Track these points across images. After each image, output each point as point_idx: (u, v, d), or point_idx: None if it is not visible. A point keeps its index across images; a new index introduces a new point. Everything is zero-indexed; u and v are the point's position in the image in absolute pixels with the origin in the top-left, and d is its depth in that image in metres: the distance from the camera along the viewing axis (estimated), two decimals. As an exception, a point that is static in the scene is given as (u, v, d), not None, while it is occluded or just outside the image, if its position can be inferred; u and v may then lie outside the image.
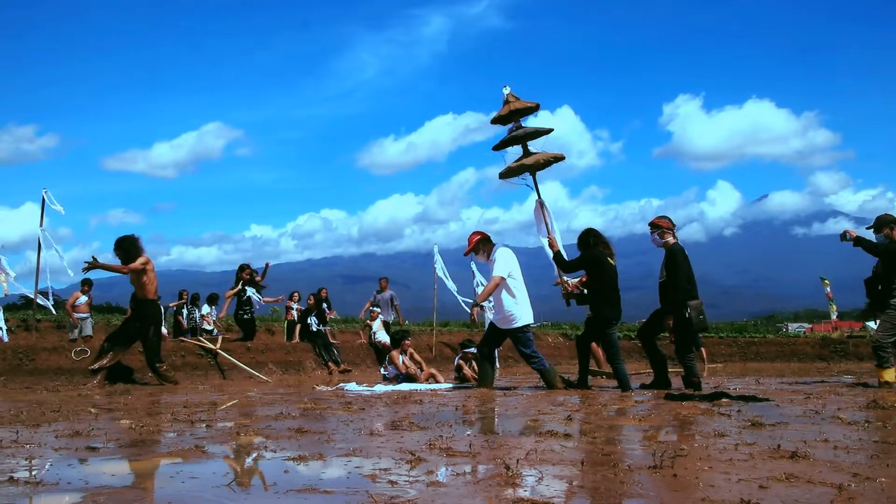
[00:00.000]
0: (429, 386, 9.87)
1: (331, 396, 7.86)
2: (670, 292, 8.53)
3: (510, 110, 9.64)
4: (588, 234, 9.09)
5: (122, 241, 10.13)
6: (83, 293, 15.34)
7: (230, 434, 4.51)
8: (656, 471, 3.11)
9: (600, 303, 8.85)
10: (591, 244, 8.95)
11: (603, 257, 8.85)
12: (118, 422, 5.22)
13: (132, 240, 10.19)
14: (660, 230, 8.76)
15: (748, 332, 26.16)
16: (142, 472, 3.25)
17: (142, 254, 10.08)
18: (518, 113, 9.67)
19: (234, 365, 11.96)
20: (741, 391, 7.54)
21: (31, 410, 6.15)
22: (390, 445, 3.96)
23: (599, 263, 8.83)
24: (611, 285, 8.92)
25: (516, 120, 9.74)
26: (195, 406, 6.54)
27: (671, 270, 8.51)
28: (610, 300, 8.88)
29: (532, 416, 5.68)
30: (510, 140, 9.70)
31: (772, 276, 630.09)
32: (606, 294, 8.87)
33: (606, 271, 8.86)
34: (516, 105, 9.64)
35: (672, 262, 8.50)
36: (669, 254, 8.61)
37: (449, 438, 4.22)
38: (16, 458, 3.59)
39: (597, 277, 8.86)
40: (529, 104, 9.69)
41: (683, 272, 8.46)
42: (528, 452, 3.60)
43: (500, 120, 9.80)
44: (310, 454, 3.65)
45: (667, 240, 8.69)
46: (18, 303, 21.45)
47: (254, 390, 9.31)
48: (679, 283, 8.42)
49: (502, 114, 9.71)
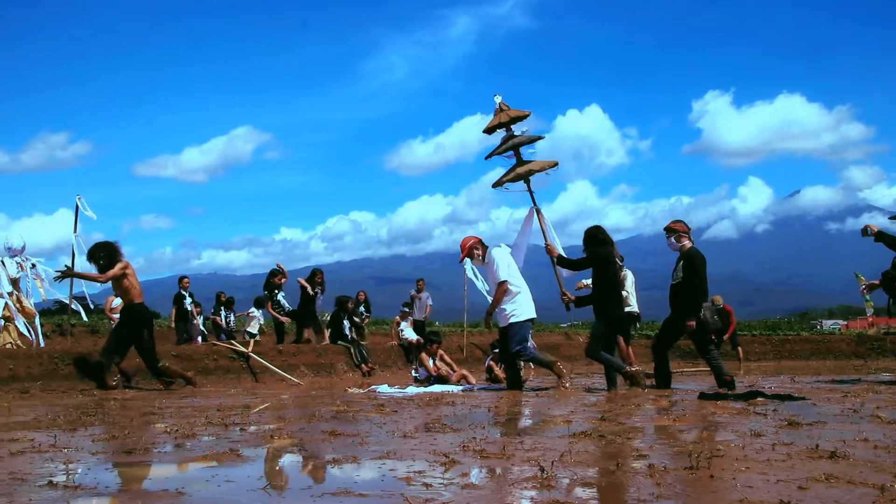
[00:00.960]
0: (460, 387, 9.87)
1: (363, 399, 7.87)
2: (689, 295, 8.52)
3: (501, 120, 9.66)
4: (597, 231, 9.05)
5: (100, 249, 9.85)
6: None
7: (264, 437, 4.53)
8: (692, 472, 3.08)
9: (609, 301, 8.77)
10: (599, 242, 8.90)
11: (611, 255, 8.85)
12: (153, 425, 5.26)
13: (112, 246, 9.89)
14: (676, 234, 8.81)
15: (782, 329, 25.92)
16: (178, 475, 3.27)
17: (121, 259, 9.79)
18: (510, 122, 9.68)
19: (266, 368, 12.02)
20: (776, 390, 7.46)
21: (67, 415, 6.21)
22: (424, 447, 3.95)
23: (609, 262, 8.84)
24: (617, 284, 8.97)
25: (508, 129, 9.74)
26: (228, 409, 6.58)
27: (689, 273, 8.53)
28: (618, 299, 8.93)
29: (564, 416, 5.65)
30: (503, 149, 9.71)
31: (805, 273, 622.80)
32: (614, 293, 8.87)
33: (614, 270, 8.90)
34: (508, 114, 9.65)
35: (691, 266, 8.53)
36: (687, 257, 8.64)
37: (482, 440, 4.21)
38: (54, 462, 3.64)
39: (605, 276, 8.81)
40: (521, 112, 9.70)
41: (701, 276, 8.53)
42: (563, 454, 3.58)
43: (491, 129, 9.82)
44: (344, 457, 3.66)
45: (683, 243, 8.76)
46: (53, 308, 21.70)
47: (285, 393, 9.35)
48: (699, 286, 8.48)
49: (493, 123, 9.73)
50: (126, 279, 9.76)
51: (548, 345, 17.54)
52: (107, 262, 9.70)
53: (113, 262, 9.69)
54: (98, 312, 18.24)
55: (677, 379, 10.87)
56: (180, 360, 11.52)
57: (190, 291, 17.33)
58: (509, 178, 9.60)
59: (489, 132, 9.92)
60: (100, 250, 9.78)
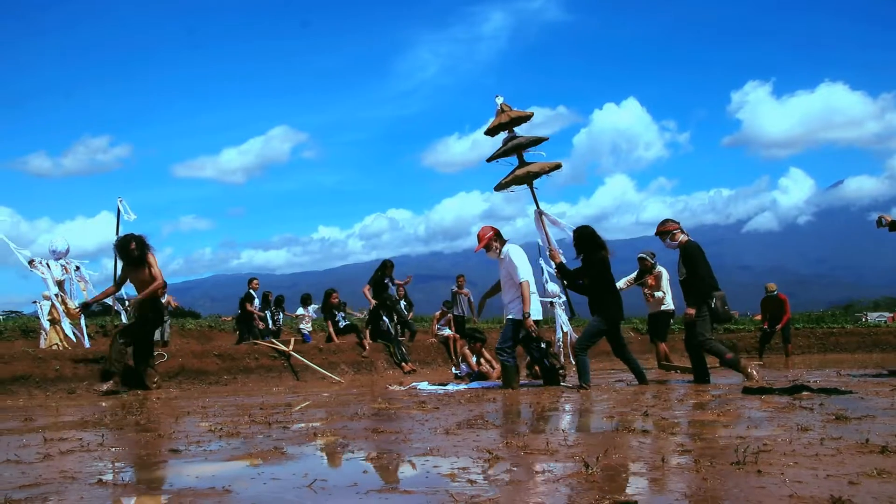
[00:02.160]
0: (500, 384, 9.84)
1: (404, 396, 7.90)
2: (696, 286, 8.50)
3: (502, 121, 9.58)
4: (593, 235, 8.90)
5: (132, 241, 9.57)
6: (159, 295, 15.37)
7: (307, 435, 4.56)
8: (740, 467, 3.04)
9: (607, 306, 8.67)
10: (596, 246, 8.79)
11: (607, 260, 8.78)
12: (198, 424, 5.32)
13: (143, 239, 9.64)
14: (670, 234, 8.81)
15: (826, 322, 25.50)
16: (224, 473, 3.30)
17: (152, 252, 9.61)
18: (512, 123, 9.60)
19: (306, 366, 12.09)
20: (822, 384, 7.35)
21: (113, 414, 6.31)
22: (467, 444, 3.95)
23: (606, 266, 8.76)
24: (613, 287, 8.91)
25: (510, 130, 9.66)
26: (271, 408, 6.63)
27: (690, 266, 8.53)
28: (617, 301, 8.83)
29: (607, 412, 5.62)
30: (505, 151, 9.63)
31: (849, 265, 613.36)
32: (613, 296, 8.79)
33: (610, 272, 8.83)
34: (509, 115, 9.57)
35: (689, 259, 8.54)
36: (684, 251, 8.64)
37: (525, 436, 4.20)
38: (102, 460, 3.69)
39: (603, 279, 8.72)
40: (523, 113, 9.62)
41: (703, 265, 8.54)
42: (607, 449, 3.55)
43: (493, 131, 9.75)
44: (387, 454, 3.67)
45: (680, 239, 8.76)
46: (96, 310, 22.01)
47: (326, 391, 9.40)
48: (702, 276, 8.48)
49: (494, 124, 9.66)
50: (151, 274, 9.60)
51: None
52: (139, 256, 9.52)
53: (144, 254, 9.54)
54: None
55: (719, 373, 10.76)
56: (222, 360, 11.64)
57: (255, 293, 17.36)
58: (510, 180, 9.54)
59: (491, 134, 9.86)
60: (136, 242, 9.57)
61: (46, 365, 9.84)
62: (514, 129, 9.70)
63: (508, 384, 8.55)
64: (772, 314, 16.59)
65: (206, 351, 12.04)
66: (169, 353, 11.43)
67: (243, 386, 10.88)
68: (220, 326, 17.52)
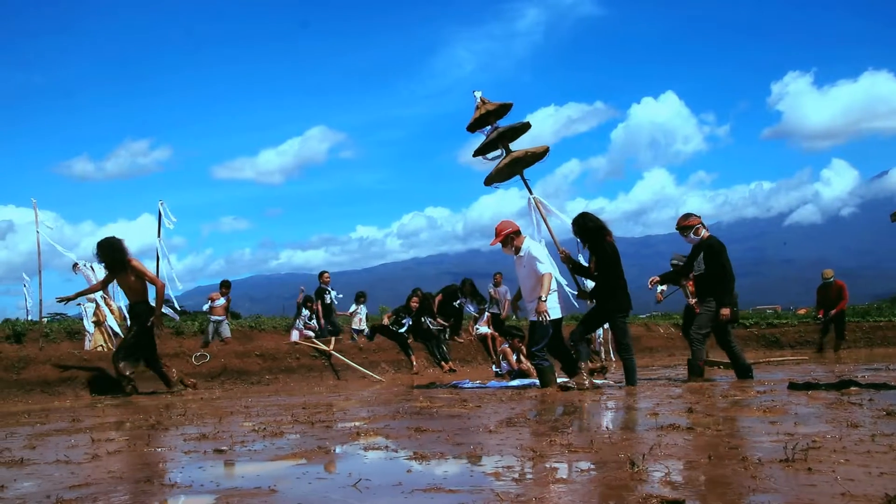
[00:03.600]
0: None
1: (446, 394, 7.90)
2: (718, 284, 8.36)
3: (482, 113, 9.45)
4: (599, 225, 8.68)
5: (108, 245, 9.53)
6: (221, 295, 15.18)
7: (350, 434, 4.57)
8: (789, 464, 2.99)
9: (613, 298, 8.50)
10: (604, 235, 8.61)
11: (616, 251, 8.61)
12: (241, 424, 5.36)
13: (120, 243, 9.59)
14: (692, 229, 8.65)
15: (872, 315, 25.00)
16: (269, 473, 3.32)
17: (129, 256, 9.52)
18: (492, 115, 9.47)
19: (347, 365, 12.15)
20: (870, 379, 7.21)
21: (158, 414, 6.39)
22: (510, 442, 3.94)
23: (617, 254, 8.60)
24: (622, 276, 8.68)
25: (492, 122, 9.53)
26: (313, 407, 6.66)
27: (712, 263, 8.39)
28: (625, 290, 8.66)
29: (650, 409, 5.56)
30: (490, 143, 9.50)
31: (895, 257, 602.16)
32: (622, 284, 8.63)
33: (619, 261, 8.62)
34: (488, 107, 9.44)
35: (716, 255, 8.39)
36: (707, 247, 8.48)
37: (569, 434, 4.17)
38: (150, 460, 3.73)
39: (613, 269, 8.54)
40: (502, 104, 9.49)
41: (727, 262, 8.41)
42: (652, 447, 3.52)
43: (475, 125, 9.62)
44: (431, 453, 3.66)
45: (702, 234, 8.62)
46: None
47: (367, 390, 9.44)
48: (728, 273, 8.37)
49: (475, 118, 9.53)
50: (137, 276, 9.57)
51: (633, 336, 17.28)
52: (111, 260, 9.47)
53: (117, 262, 9.44)
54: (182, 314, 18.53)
55: (763, 369, 10.62)
56: (264, 360, 11.74)
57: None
58: (496, 172, 9.40)
59: (472, 129, 9.72)
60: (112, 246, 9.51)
61: (92, 366, 10.00)
62: (498, 123, 9.57)
63: (547, 385, 8.44)
64: (827, 302, 16.15)
65: (247, 351, 12.16)
66: (211, 353, 11.56)
67: (285, 385, 10.97)
68: (260, 326, 17.57)
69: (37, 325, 15.27)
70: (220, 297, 15.08)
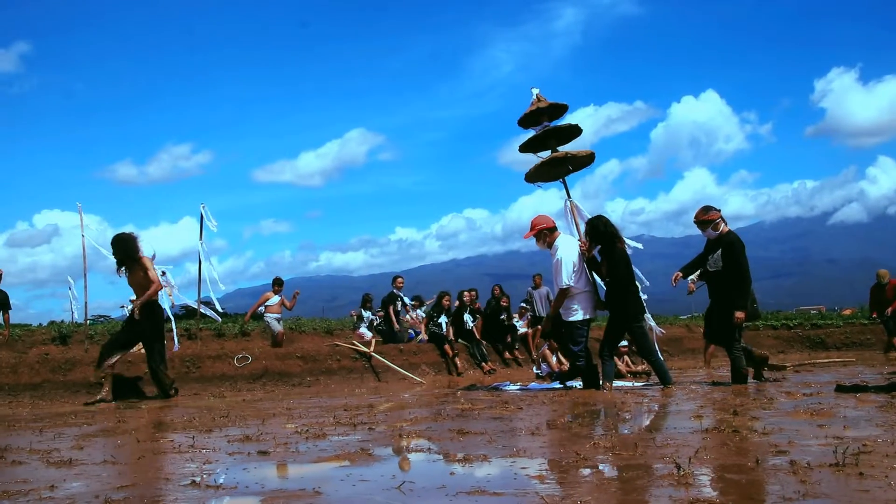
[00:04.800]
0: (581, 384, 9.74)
1: (487, 396, 7.87)
2: (735, 284, 8.17)
3: (533, 110, 9.36)
4: (612, 231, 8.56)
5: (122, 241, 9.36)
6: (275, 293, 15.14)
7: (393, 436, 4.57)
8: (839, 469, 2.93)
9: (627, 300, 8.41)
10: (614, 238, 8.50)
11: (626, 252, 8.54)
12: (284, 426, 5.39)
13: (132, 239, 9.39)
14: (712, 223, 8.38)
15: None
16: (313, 475, 3.33)
17: (141, 253, 9.33)
18: (544, 113, 9.37)
19: (388, 367, 12.18)
20: (921, 381, 7.05)
21: (201, 416, 6.44)
22: (553, 445, 3.92)
23: (628, 260, 8.52)
24: (634, 281, 8.57)
25: (543, 121, 9.43)
26: (355, 409, 6.68)
27: (734, 259, 8.17)
28: (636, 296, 8.57)
29: (694, 411, 5.50)
30: (537, 141, 9.42)
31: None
32: (633, 289, 8.53)
33: (630, 267, 8.53)
34: (541, 105, 9.34)
35: (734, 252, 8.18)
36: (727, 244, 8.25)
37: (612, 437, 4.13)
38: (194, 462, 3.76)
39: (624, 275, 8.42)
40: (556, 104, 9.39)
41: (745, 261, 8.21)
42: (697, 450, 3.47)
43: (525, 121, 9.53)
44: (474, 455, 3.65)
45: (721, 229, 8.37)
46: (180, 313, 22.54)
47: (408, 392, 9.45)
48: (745, 274, 8.18)
49: (527, 112, 9.43)
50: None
51: (669, 338, 17.10)
52: (123, 255, 9.30)
53: (128, 258, 9.27)
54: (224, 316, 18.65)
55: (809, 371, 10.46)
56: (304, 362, 11.81)
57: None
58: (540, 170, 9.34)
59: (522, 125, 9.65)
60: (124, 242, 9.35)
61: (136, 368, 10.13)
62: (548, 122, 9.50)
63: (588, 387, 8.38)
64: (882, 304, 15.81)
65: (288, 353, 12.25)
66: (252, 355, 11.65)
67: (326, 387, 11.02)
68: (300, 328, 17.66)
69: (82, 327, 15.52)
70: (273, 296, 15.09)
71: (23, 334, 17.50)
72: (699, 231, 8.56)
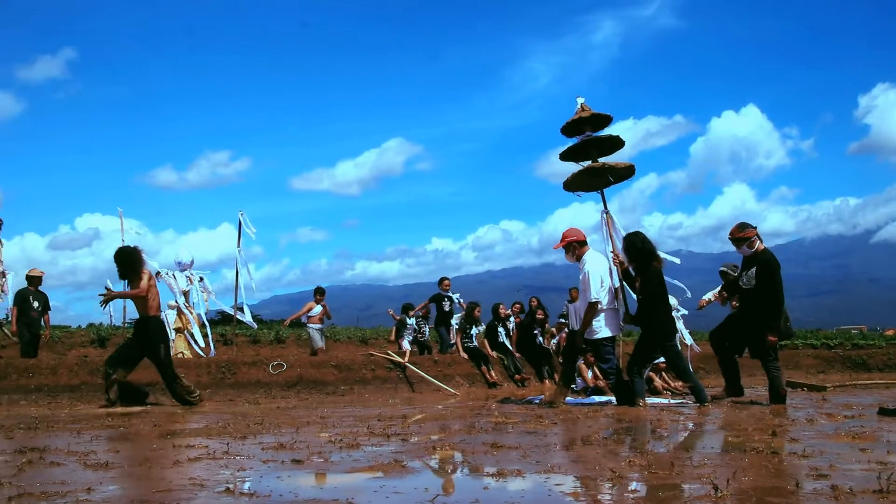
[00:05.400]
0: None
1: (521, 410, 7.83)
2: (773, 302, 8.10)
3: (576, 119, 9.30)
4: (650, 248, 8.48)
5: (125, 255, 9.16)
6: (316, 303, 15.07)
7: (426, 448, 4.55)
8: (883, 496, 2.86)
9: (661, 319, 8.32)
10: (652, 260, 8.41)
11: (661, 271, 8.46)
12: (318, 435, 5.39)
13: (136, 252, 9.21)
14: (748, 241, 8.31)
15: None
16: (346, 485, 3.32)
17: (143, 267, 9.17)
18: (587, 122, 9.31)
19: (422, 378, 12.16)
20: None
21: (236, 423, 6.47)
22: (587, 461, 3.87)
23: (662, 279, 8.45)
24: (667, 300, 8.55)
25: (585, 130, 9.37)
26: (389, 419, 6.67)
27: (768, 278, 8.11)
28: (669, 315, 8.52)
29: (732, 432, 5.42)
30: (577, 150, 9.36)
31: None
32: (666, 308, 8.49)
33: (664, 286, 8.48)
34: (584, 114, 9.28)
35: (769, 270, 8.12)
36: (762, 262, 8.19)
37: (647, 454, 4.08)
38: (229, 468, 3.77)
39: (657, 294, 8.36)
40: (599, 114, 9.33)
41: (779, 281, 8.15)
42: (735, 471, 3.41)
43: (568, 129, 9.48)
44: (508, 470, 3.62)
45: (757, 247, 8.30)
46: (216, 318, 22.76)
47: (441, 404, 9.42)
48: (779, 294, 8.12)
49: (570, 121, 9.38)
50: (148, 291, 9.07)
51: (705, 355, 16.89)
52: (127, 269, 9.11)
53: (135, 269, 9.08)
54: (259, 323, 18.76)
55: (850, 392, 10.27)
56: (339, 370, 11.83)
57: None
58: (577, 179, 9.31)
59: (567, 132, 9.60)
60: (127, 256, 9.16)
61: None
62: (590, 132, 9.46)
63: (623, 403, 8.30)
64: None
65: (323, 361, 12.28)
66: (287, 362, 11.70)
67: (360, 397, 11.03)
68: (335, 337, 17.73)
69: (119, 330, 15.71)
70: (316, 306, 15.08)
71: (62, 336, 17.80)
72: (734, 248, 8.51)
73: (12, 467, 3.77)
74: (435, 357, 13.66)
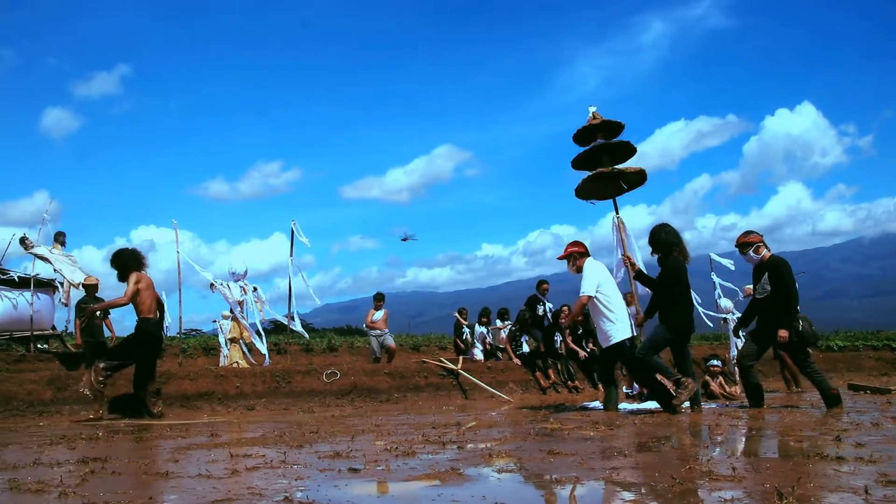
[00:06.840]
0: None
1: (576, 416, 7.77)
2: (788, 305, 7.98)
3: (586, 126, 9.29)
4: (671, 240, 8.32)
5: (118, 257, 9.07)
6: (377, 308, 15.14)
7: (482, 456, 4.52)
8: (957, 501, 2.77)
9: (677, 313, 8.14)
10: (672, 251, 8.25)
11: (683, 264, 8.29)
12: (373, 443, 5.40)
13: (130, 254, 9.09)
14: (753, 246, 8.28)
15: None
16: (404, 494, 3.31)
17: (137, 269, 8.96)
18: (598, 130, 9.27)
19: (475, 385, 12.14)
20: None
21: (292, 431, 6.52)
22: (647, 468, 3.81)
23: (683, 271, 8.27)
24: (686, 295, 8.30)
25: (597, 138, 9.35)
26: (443, 427, 6.66)
27: (781, 283, 8.01)
28: (687, 310, 8.31)
29: (793, 437, 5.30)
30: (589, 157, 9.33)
31: None
32: (688, 305, 8.32)
33: (686, 278, 8.29)
34: (593, 122, 9.26)
35: (781, 276, 8.01)
36: (773, 267, 8.11)
37: (708, 461, 4.00)
38: (286, 478, 3.78)
39: (676, 286, 8.17)
40: (610, 121, 9.29)
41: (793, 283, 8.07)
42: (800, 477, 3.33)
43: (579, 137, 9.46)
44: (566, 477, 3.58)
45: (763, 254, 8.26)
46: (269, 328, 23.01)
47: (495, 410, 9.39)
48: (792, 295, 8.03)
49: (580, 129, 9.38)
50: (138, 294, 8.90)
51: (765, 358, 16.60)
52: (122, 270, 9.01)
53: (125, 273, 8.96)
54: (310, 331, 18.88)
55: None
56: (392, 378, 11.86)
57: None
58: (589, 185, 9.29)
59: (579, 140, 9.62)
60: (121, 257, 9.09)
61: (228, 382, 10.34)
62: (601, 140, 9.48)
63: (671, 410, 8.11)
64: None
65: (376, 369, 12.33)
66: (341, 370, 11.76)
67: (413, 404, 11.04)
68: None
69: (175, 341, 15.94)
70: (376, 312, 15.12)
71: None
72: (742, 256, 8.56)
73: (76, 477, 3.84)
74: (488, 364, 13.63)
